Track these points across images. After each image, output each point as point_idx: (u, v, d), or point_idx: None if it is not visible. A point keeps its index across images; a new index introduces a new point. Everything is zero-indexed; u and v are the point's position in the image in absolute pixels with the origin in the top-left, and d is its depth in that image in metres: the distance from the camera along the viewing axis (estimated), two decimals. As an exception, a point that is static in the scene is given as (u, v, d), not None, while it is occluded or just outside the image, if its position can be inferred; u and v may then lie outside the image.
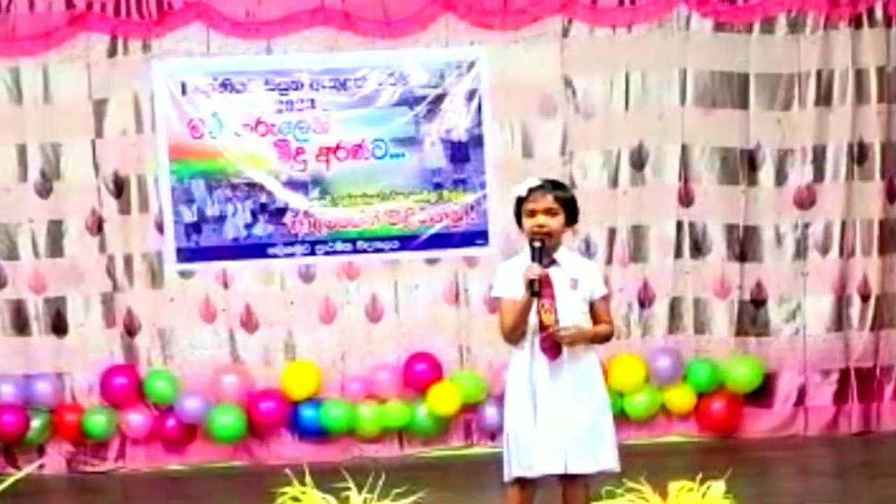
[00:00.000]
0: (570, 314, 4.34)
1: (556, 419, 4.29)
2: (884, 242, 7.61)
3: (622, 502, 3.72)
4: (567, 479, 4.40)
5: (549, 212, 4.34)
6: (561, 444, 4.30)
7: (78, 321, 7.47)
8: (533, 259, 4.26)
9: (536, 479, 4.38)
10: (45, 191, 7.43)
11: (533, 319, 4.31)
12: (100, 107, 7.38)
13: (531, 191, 4.40)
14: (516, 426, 4.37)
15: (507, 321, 4.35)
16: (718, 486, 3.79)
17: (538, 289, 4.21)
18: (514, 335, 4.36)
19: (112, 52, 7.37)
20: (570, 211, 4.43)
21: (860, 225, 7.61)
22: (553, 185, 4.47)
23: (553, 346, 4.29)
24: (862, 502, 5.90)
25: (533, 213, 4.35)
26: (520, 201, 4.43)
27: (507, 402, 4.46)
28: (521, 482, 4.42)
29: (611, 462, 4.40)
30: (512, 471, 4.40)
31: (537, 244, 4.28)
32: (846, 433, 7.57)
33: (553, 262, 4.35)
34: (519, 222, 4.46)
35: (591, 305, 4.46)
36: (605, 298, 4.52)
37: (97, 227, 7.44)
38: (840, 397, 7.61)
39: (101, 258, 7.46)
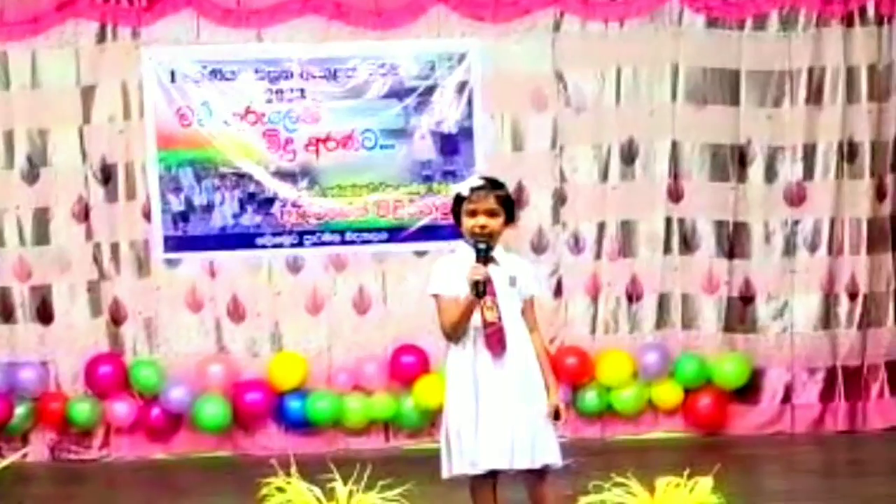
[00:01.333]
0: (509, 310, 4.35)
1: (501, 415, 4.29)
2: (872, 241, 7.62)
3: (609, 497, 3.70)
4: (531, 477, 4.39)
5: (490, 213, 4.33)
6: (507, 440, 4.29)
7: (63, 309, 7.44)
8: (478, 260, 4.26)
9: (494, 475, 4.37)
10: (31, 177, 7.40)
11: (475, 316, 4.31)
12: (88, 93, 7.35)
13: (473, 190, 4.38)
14: (459, 423, 4.35)
15: (448, 319, 4.34)
16: (706, 483, 3.77)
17: (483, 290, 4.21)
18: (456, 333, 4.36)
19: (101, 39, 7.34)
20: (510, 210, 4.43)
21: (849, 223, 7.62)
22: (493, 185, 4.45)
23: (499, 341, 4.29)
24: (847, 500, 5.89)
25: (474, 213, 4.34)
26: (459, 200, 4.42)
27: (448, 399, 4.44)
28: (479, 480, 4.40)
29: (555, 457, 4.39)
30: (453, 468, 4.39)
31: (482, 246, 4.27)
32: (832, 431, 7.58)
33: (491, 259, 4.35)
34: (457, 219, 4.45)
35: (524, 303, 4.46)
36: (533, 298, 4.52)
37: (84, 214, 7.41)
38: (827, 395, 7.62)
39: (87, 246, 7.43)
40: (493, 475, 4.40)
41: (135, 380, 7.38)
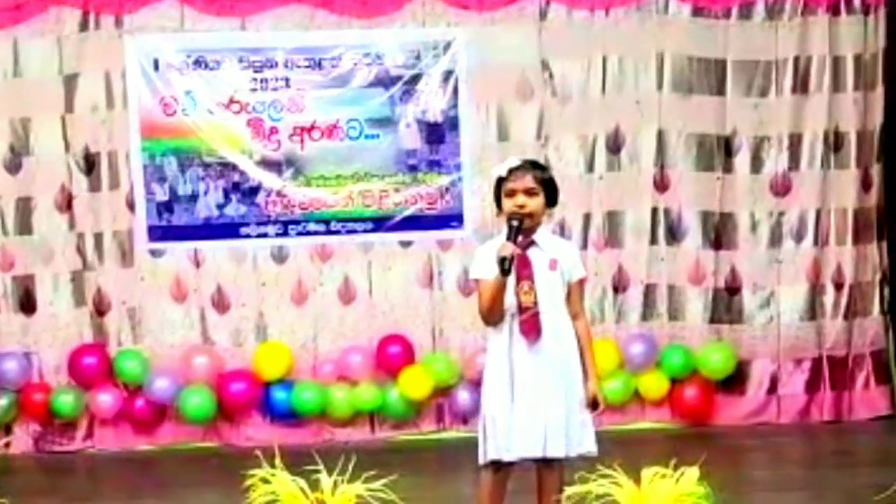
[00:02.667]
0: (549, 295, 4.31)
1: (535, 402, 4.26)
2: (858, 231, 7.62)
3: (595, 488, 3.69)
4: (543, 464, 4.37)
5: (529, 192, 4.30)
6: (540, 428, 4.26)
7: (47, 299, 7.40)
8: (508, 238, 4.22)
9: (511, 463, 4.35)
10: (14, 167, 7.35)
11: (512, 300, 4.28)
12: (70, 82, 7.30)
13: (511, 171, 4.35)
14: (494, 408, 4.33)
15: (483, 302, 4.32)
16: (692, 473, 3.76)
17: (509, 267, 4.16)
18: (491, 316, 4.32)
19: (83, 27, 7.28)
20: (550, 192, 4.39)
21: (835, 213, 7.61)
22: (533, 165, 4.43)
23: (533, 327, 4.26)
24: (833, 490, 5.90)
25: (513, 193, 4.31)
26: (499, 182, 4.39)
27: (484, 384, 4.43)
28: (496, 466, 4.38)
29: (590, 445, 4.37)
30: (488, 453, 4.37)
31: (514, 223, 4.23)
32: (818, 421, 7.59)
33: (532, 242, 4.31)
34: (498, 204, 4.41)
35: (568, 287, 4.42)
36: (582, 282, 4.48)
37: (67, 204, 7.37)
38: (812, 385, 7.62)
39: (70, 236, 7.38)
40: (510, 466, 4.37)
41: (119, 371, 7.34)
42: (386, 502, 3.63)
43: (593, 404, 4.37)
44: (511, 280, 4.25)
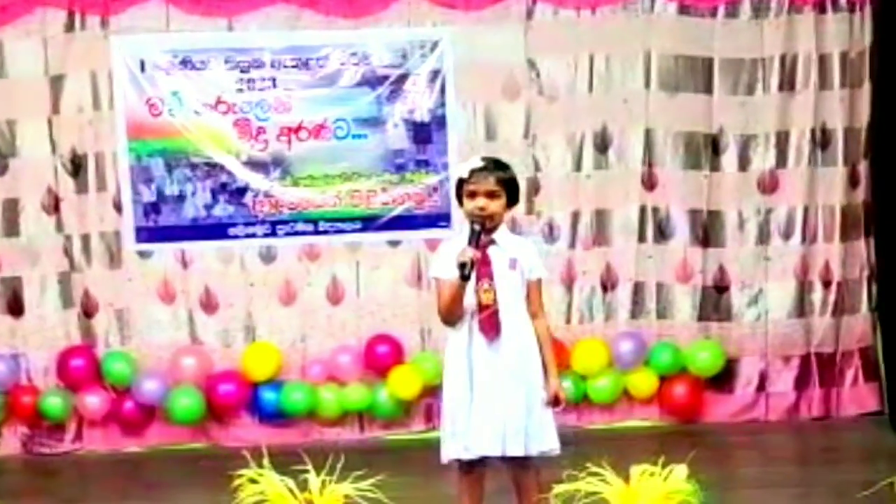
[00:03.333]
0: (509, 294, 4.32)
1: (495, 400, 4.27)
2: (846, 228, 7.62)
3: (584, 486, 3.69)
4: (515, 465, 4.38)
5: (490, 194, 4.32)
6: (499, 427, 4.27)
7: (34, 301, 7.38)
8: (470, 242, 4.23)
9: (483, 463, 4.36)
10: (0, 169, 7.31)
11: (471, 300, 4.28)
12: (56, 83, 7.28)
13: (473, 172, 4.36)
14: (453, 407, 4.35)
15: (442, 302, 4.33)
16: (680, 470, 3.76)
17: (469, 272, 4.18)
18: (451, 316, 4.34)
19: (69, 28, 7.25)
20: (512, 192, 4.40)
21: (822, 211, 7.62)
22: (495, 166, 4.42)
23: (492, 326, 4.27)
24: (822, 487, 5.92)
25: (474, 195, 4.33)
26: (461, 182, 4.40)
27: (444, 383, 4.44)
28: (468, 465, 4.39)
29: (551, 443, 4.37)
30: (448, 452, 4.38)
31: (477, 227, 4.25)
32: (807, 418, 7.60)
33: (492, 241, 4.32)
34: (460, 202, 4.42)
35: (527, 286, 4.43)
36: (540, 282, 4.48)
37: (54, 206, 7.34)
38: (801, 382, 7.63)
39: (57, 238, 7.36)
40: (481, 464, 4.38)
41: (107, 372, 7.32)
42: (374, 502, 3.63)
43: (555, 402, 4.38)
44: (471, 279, 4.26)
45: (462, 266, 4.16)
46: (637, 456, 4.02)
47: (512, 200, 4.41)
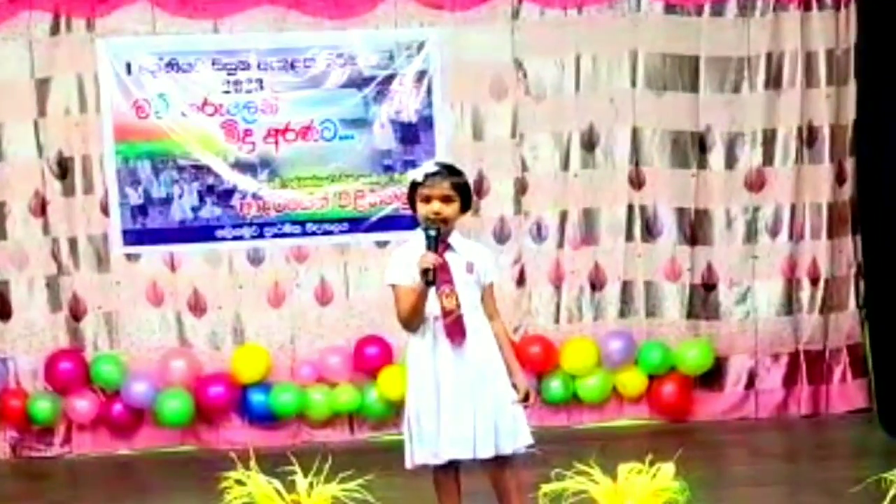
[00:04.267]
0: (467, 298, 4.33)
1: (463, 404, 4.28)
2: (833, 226, 7.65)
3: (572, 485, 3.70)
4: (491, 465, 4.38)
5: (445, 199, 4.33)
6: (468, 430, 4.28)
7: (22, 305, 7.35)
8: (428, 248, 4.24)
9: (453, 462, 4.36)
10: (-14, 172, 7.31)
11: (433, 305, 4.29)
12: (43, 86, 7.26)
13: (427, 176, 4.37)
14: (420, 412, 4.35)
15: (404, 309, 4.33)
16: (668, 469, 3.77)
17: (433, 278, 4.19)
18: (412, 323, 4.34)
19: (55, 31, 7.23)
20: (465, 197, 4.42)
21: (810, 208, 7.64)
22: (449, 171, 4.44)
23: (458, 330, 4.28)
24: (811, 484, 5.93)
25: (428, 199, 4.34)
26: (414, 186, 4.40)
27: (409, 389, 4.44)
28: (440, 468, 4.39)
29: (525, 438, 4.39)
30: (415, 458, 4.38)
31: (433, 233, 4.26)
32: (796, 415, 7.61)
33: (448, 246, 4.33)
34: (413, 206, 4.43)
35: (482, 289, 4.45)
36: (492, 285, 4.50)
37: (41, 209, 7.32)
38: (790, 380, 7.65)
39: (45, 241, 7.34)
40: (454, 464, 4.39)
41: (96, 375, 7.30)
42: (361, 503, 3.63)
43: (525, 398, 4.38)
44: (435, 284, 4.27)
45: (425, 272, 4.17)
46: (627, 455, 4.03)
47: (465, 206, 4.43)
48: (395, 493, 4.77)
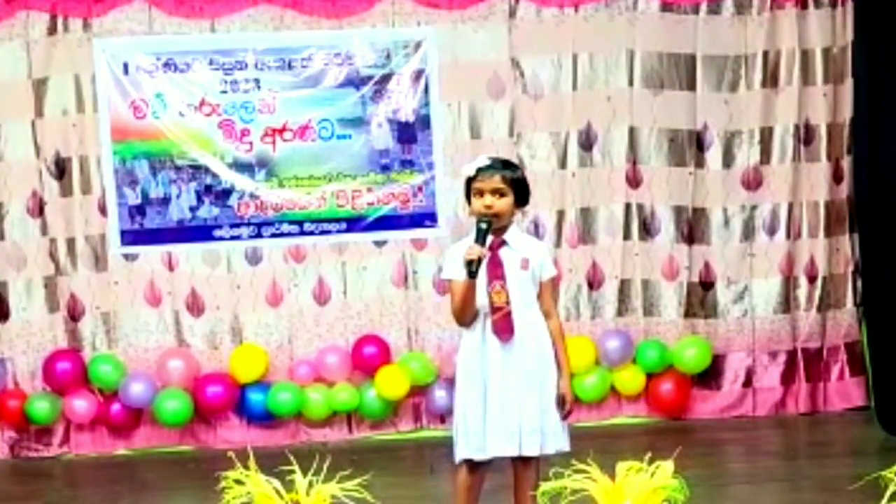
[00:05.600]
0: (521, 295, 4.32)
1: (510, 401, 4.27)
2: (830, 224, 7.66)
3: (570, 483, 3.69)
4: (520, 461, 4.39)
5: (496, 192, 4.32)
6: (514, 427, 4.28)
7: (20, 305, 7.34)
8: (476, 240, 4.23)
9: (488, 461, 4.37)
10: (-16, 173, 7.31)
11: (484, 300, 4.29)
12: (40, 86, 7.25)
13: (479, 170, 4.37)
14: (467, 408, 4.35)
15: (454, 303, 4.33)
16: (667, 467, 3.77)
17: (476, 270, 4.18)
18: (463, 317, 4.34)
19: (52, 31, 7.23)
20: (520, 191, 4.40)
21: (807, 206, 7.65)
22: (503, 165, 4.43)
23: (506, 327, 4.27)
24: (810, 482, 5.94)
25: (481, 193, 4.33)
26: (468, 181, 4.40)
27: (457, 384, 4.44)
28: (472, 464, 4.40)
29: (564, 443, 4.39)
30: (461, 453, 4.38)
31: (483, 226, 4.25)
32: (794, 413, 7.62)
33: (503, 242, 4.33)
34: (469, 202, 4.42)
35: (539, 286, 4.43)
36: (553, 280, 4.50)
37: (38, 209, 7.32)
38: (787, 378, 7.66)
39: (42, 241, 7.34)
40: (487, 464, 4.39)
41: (94, 375, 7.30)
42: (360, 502, 3.63)
43: (561, 402, 4.39)
44: (482, 280, 4.26)
45: (469, 263, 4.17)
46: (625, 453, 4.03)
47: (521, 200, 4.42)
48: (395, 493, 4.78)
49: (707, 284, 7.66)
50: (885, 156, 6.97)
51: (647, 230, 7.61)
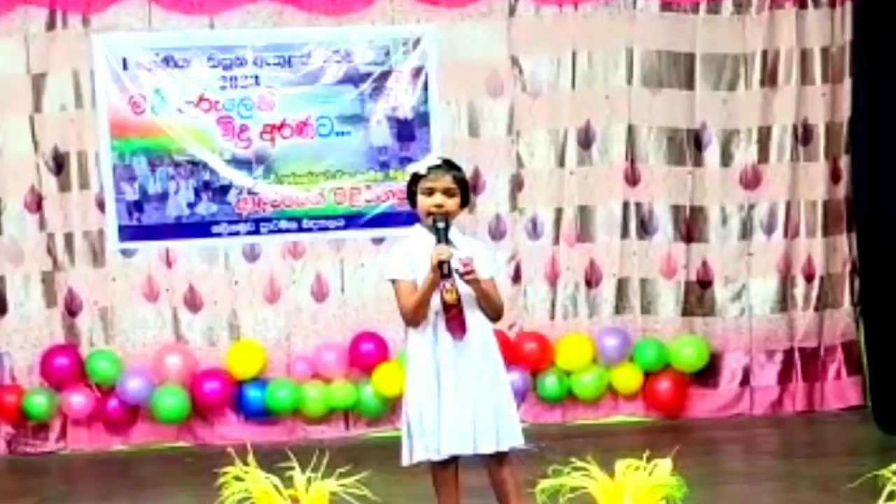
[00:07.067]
0: (468, 293, 4.32)
1: (463, 399, 4.28)
2: (828, 223, 7.67)
3: (569, 481, 3.70)
4: (493, 462, 4.39)
5: (447, 192, 4.33)
6: (469, 425, 4.28)
7: (18, 300, 7.35)
8: (438, 240, 4.24)
9: (454, 458, 4.36)
10: (-18, 168, 7.30)
11: (435, 300, 4.29)
12: (38, 81, 7.26)
13: (430, 169, 4.37)
14: (420, 408, 4.33)
15: (408, 303, 4.31)
16: (665, 465, 3.77)
17: (449, 269, 4.19)
18: (416, 316, 4.32)
19: (51, 26, 7.23)
20: (465, 192, 4.43)
21: (804, 206, 7.66)
22: (450, 166, 4.44)
23: (459, 325, 4.27)
24: (806, 481, 5.93)
25: (431, 192, 4.34)
26: (415, 179, 4.41)
27: (408, 385, 4.43)
28: (440, 464, 4.39)
29: (518, 438, 4.40)
30: (414, 455, 4.37)
31: (442, 224, 4.26)
32: (791, 412, 7.63)
33: (448, 242, 4.33)
34: (411, 199, 4.43)
35: None
36: (494, 280, 4.50)
37: (36, 204, 7.32)
38: (784, 377, 7.67)
39: (40, 236, 7.34)
40: (454, 460, 4.39)
41: (91, 371, 7.30)
42: (360, 499, 3.63)
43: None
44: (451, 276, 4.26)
45: (440, 264, 4.17)
46: (622, 451, 4.03)
47: (464, 201, 4.44)
48: (393, 490, 4.77)
49: (705, 283, 7.67)
50: (883, 156, 6.96)
51: (645, 229, 7.62)
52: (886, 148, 6.93)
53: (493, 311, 4.40)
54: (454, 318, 4.26)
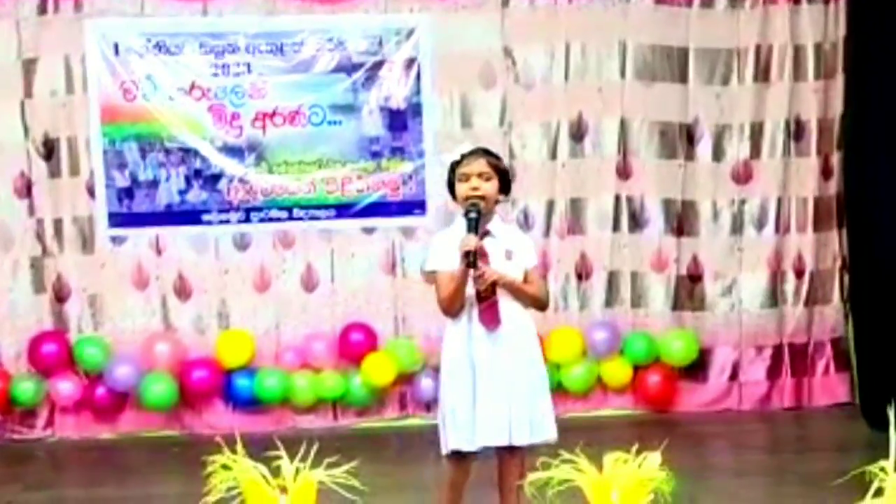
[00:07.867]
0: None
1: (498, 391, 4.25)
2: (818, 219, 7.68)
3: (557, 474, 3.69)
4: (505, 451, 4.38)
5: (482, 176, 4.30)
6: (503, 416, 4.26)
7: (6, 286, 7.32)
8: (469, 230, 4.21)
9: (475, 452, 4.35)
10: (-28, 153, 7.26)
11: (470, 290, 4.27)
12: (29, 66, 7.23)
13: (464, 156, 4.36)
14: (455, 399, 4.32)
15: (444, 294, 4.30)
16: (654, 458, 3.76)
17: (474, 260, 4.16)
18: (452, 307, 4.31)
19: (42, 10, 7.20)
20: (504, 179, 4.40)
21: (796, 201, 7.67)
22: (485, 151, 4.43)
23: (493, 316, 4.25)
24: (794, 476, 5.94)
25: (467, 178, 4.31)
26: (453, 167, 4.39)
27: (443, 375, 4.41)
28: (459, 457, 4.38)
29: (551, 432, 4.38)
30: (449, 444, 4.36)
31: (473, 215, 4.23)
32: (779, 408, 7.64)
33: (487, 233, 4.31)
34: (452, 192, 4.41)
35: (525, 275, 4.42)
36: (536, 269, 4.49)
37: (26, 190, 7.29)
38: (773, 372, 7.68)
39: (29, 222, 7.31)
40: (476, 453, 4.37)
41: (79, 358, 7.28)
42: (348, 488, 3.62)
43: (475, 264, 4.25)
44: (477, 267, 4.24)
45: (467, 254, 4.15)
46: (611, 444, 4.02)
47: (505, 188, 4.41)
48: (381, 480, 4.76)
49: (695, 277, 7.68)
50: (874, 152, 6.97)
51: (636, 222, 7.62)
52: (878, 145, 6.93)
53: (533, 303, 4.39)
54: (487, 310, 4.24)
